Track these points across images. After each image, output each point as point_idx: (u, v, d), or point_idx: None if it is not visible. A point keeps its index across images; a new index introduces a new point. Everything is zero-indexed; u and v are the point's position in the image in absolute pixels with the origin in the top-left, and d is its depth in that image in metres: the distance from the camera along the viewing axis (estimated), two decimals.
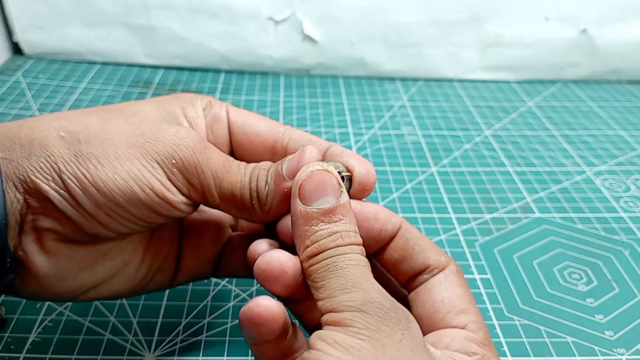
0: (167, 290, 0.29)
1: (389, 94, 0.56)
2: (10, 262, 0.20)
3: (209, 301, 0.29)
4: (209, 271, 0.26)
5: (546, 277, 0.32)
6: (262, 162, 0.22)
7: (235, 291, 0.30)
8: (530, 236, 0.36)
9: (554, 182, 0.42)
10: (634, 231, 0.37)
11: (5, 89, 0.50)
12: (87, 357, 0.26)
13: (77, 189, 0.19)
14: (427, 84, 0.58)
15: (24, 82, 0.52)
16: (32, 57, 0.57)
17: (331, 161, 0.21)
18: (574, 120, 0.52)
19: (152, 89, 0.53)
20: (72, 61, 0.57)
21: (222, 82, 0.55)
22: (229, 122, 0.25)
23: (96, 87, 0.52)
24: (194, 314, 0.28)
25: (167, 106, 0.23)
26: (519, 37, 0.57)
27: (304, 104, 0.52)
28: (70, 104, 0.49)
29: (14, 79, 0.52)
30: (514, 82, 0.59)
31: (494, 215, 0.38)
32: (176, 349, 0.27)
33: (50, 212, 0.20)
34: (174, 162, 0.20)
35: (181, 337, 0.27)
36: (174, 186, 0.21)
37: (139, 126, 0.21)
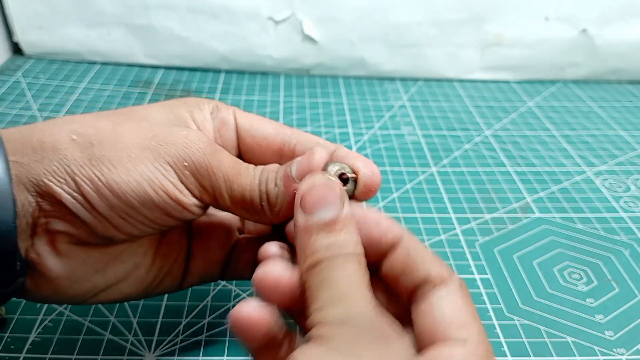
0: None
1: (389, 94, 0.56)
2: (20, 265, 0.20)
3: (209, 301, 0.29)
4: (217, 273, 0.26)
5: (546, 277, 0.32)
6: (270, 164, 0.22)
7: (235, 291, 0.30)
8: (530, 236, 0.36)
9: (554, 182, 0.42)
10: (634, 231, 0.37)
11: (5, 89, 0.50)
12: (87, 357, 0.26)
13: (91, 191, 0.20)
14: (427, 84, 0.58)
15: (24, 82, 0.52)
16: (32, 57, 0.57)
17: (337, 162, 0.22)
18: (574, 120, 0.52)
19: (152, 89, 0.53)
20: (72, 61, 0.57)
21: (222, 82, 0.55)
22: (236, 125, 0.25)
23: (96, 87, 0.52)
24: (194, 314, 0.28)
25: (175, 110, 0.23)
26: (519, 37, 0.57)
27: (304, 104, 0.52)
28: (70, 104, 0.49)
29: (14, 79, 0.52)
30: (514, 82, 0.59)
31: (494, 215, 0.38)
32: (176, 349, 0.27)
33: (63, 215, 0.20)
34: (186, 164, 0.21)
35: (181, 337, 0.27)
36: (186, 188, 0.21)
37: (150, 129, 0.21)
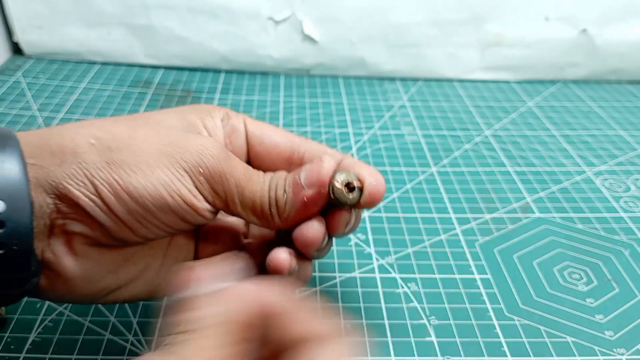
0: None
1: (389, 94, 0.56)
2: (35, 266, 0.20)
3: None
4: None
5: (546, 277, 0.32)
6: (278, 171, 0.23)
7: None
8: (530, 236, 0.36)
9: (554, 182, 0.42)
10: (634, 231, 0.37)
11: (5, 89, 0.50)
12: (87, 357, 0.26)
13: (110, 195, 0.20)
14: (427, 84, 0.58)
15: (24, 82, 0.52)
16: (32, 57, 0.57)
17: (344, 171, 0.22)
18: (574, 120, 0.52)
19: (152, 89, 0.53)
20: (72, 61, 0.57)
21: (222, 82, 0.55)
22: (246, 133, 0.25)
23: (96, 87, 0.52)
24: None
25: (187, 116, 0.24)
26: (519, 37, 0.57)
27: (304, 104, 0.52)
28: (70, 104, 0.49)
29: (14, 79, 0.52)
30: (514, 82, 0.59)
31: (494, 215, 0.38)
32: None
33: (80, 217, 0.20)
34: (200, 170, 0.21)
35: None
36: (200, 194, 0.21)
37: (166, 135, 0.22)
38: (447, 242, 0.35)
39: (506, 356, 0.27)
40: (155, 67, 0.57)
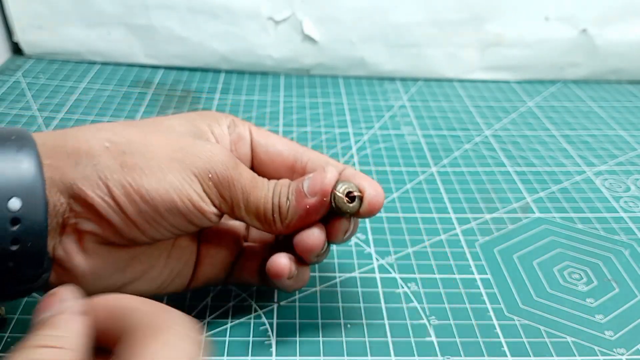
0: None
1: (389, 94, 0.56)
2: (46, 262, 0.21)
3: (209, 301, 0.29)
4: (222, 278, 0.28)
5: (546, 277, 0.32)
6: (282, 179, 0.24)
7: (235, 291, 0.30)
8: (530, 236, 0.36)
9: (554, 182, 0.42)
10: (634, 231, 0.37)
11: (5, 89, 0.50)
12: None
13: (122, 196, 0.21)
14: (427, 84, 0.58)
15: (24, 82, 0.52)
16: (32, 57, 0.57)
17: (346, 182, 0.24)
18: (574, 120, 0.52)
19: (152, 89, 0.53)
20: (72, 61, 0.57)
21: (222, 82, 0.55)
22: (252, 141, 0.26)
23: (96, 87, 0.52)
24: (194, 314, 0.28)
25: (196, 123, 0.25)
26: (519, 37, 0.57)
27: (304, 104, 0.52)
28: (70, 104, 0.49)
29: (14, 79, 0.52)
30: (514, 82, 0.59)
31: (494, 215, 0.38)
32: None
33: (92, 217, 0.21)
34: (209, 175, 0.22)
35: None
36: (208, 198, 0.23)
37: (177, 141, 0.23)
38: (447, 242, 0.35)
39: (506, 356, 0.27)
40: (155, 67, 0.57)
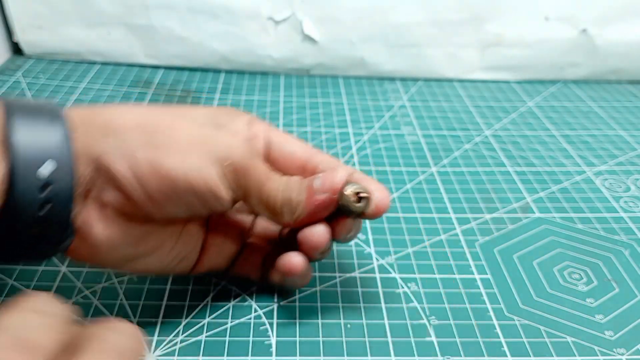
0: (167, 290, 0.30)
1: (389, 94, 0.56)
2: (70, 228, 0.22)
3: (209, 301, 0.29)
4: (224, 267, 0.29)
5: (546, 277, 0.32)
6: (294, 176, 0.25)
7: (235, 291, 0.30)
8: (530, 236, 0.36)
9: (554, 182, 0.42)
10: (634, 231, 0.37)
11: (5, 89, 0.50)
12: None
13: (145, 172, 0.22)
14: (427, 84, 0.58)
15: (24, 82, 0.52)
16: (32, 57, 0.57)
17: (355, 183, 0.25)
18: (574, 120, 0.52)
19: (152, 89, 0.53)
20: (72, 61, 0.57)
21: (222, 82, 0.55)
22: (267, 139, 0.28)
23: (96, 87, 0.52)
24: (194, 314, 0.28)
25: (218, 116, 0.27)
26: (519, 37, 0.57)
27: (304, 104, 0.52)
28: (70, 104, 0.49)
29: (14, 79, 0.52)
30: (514, 82, 0.59)
31: (494, 215, 0.38)
32: (176, 349, 0.27)
33: (114, 189, 0.22)
34: (228, 163, 0.24)
35: (181, 337, 0.27)
36: (225, 184, 0.24)
37: (200, 129, 0.24)
38: (447, 242, 0.35)
39: (506, 356, 0.27)
40: (155, 67, 0.57)
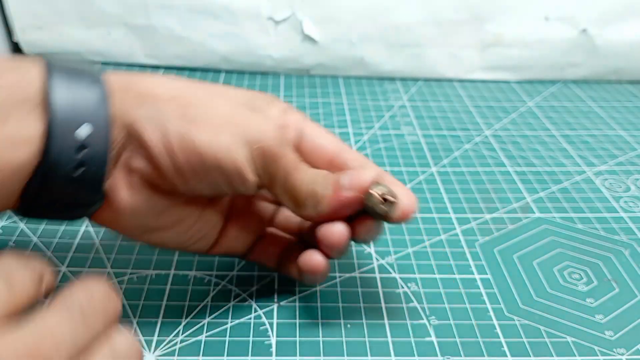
0: (167, 290, 0.30)
1: (389, 94, 0.56)
2: (102, 191, 0.23)
3: (209, 301, 0.29)
4: (241, 253, 0.29)
5: (546, 277, 0.32)
6: (322, 169, 0.25)
7: (235, 291, 0.30)
8: (530, 236, 0.36)
9: (554, 182, 0.42)
10: (634, 231, 0.37)
11: None
12: None
13: (176, 144, 0.22)
14: (427, 84, 0.58)
15: None
16: None
17: (383, 185, 0.24)
18: (574, 120, 0.52)
19: None
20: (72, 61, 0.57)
21: (222, 82, 0.55)
22: (299, 129, 0.27)
23: None
24: (194, 314, 0.28)
25: (254, 100, 0.26)
26: (519, 37, 0.57)
27: (304, 104, 0.52)
28: None
29: None
30: (514, 82, 0.59)
31: (494, 215, 0.38)
32: (176, 349, 0.27)
33: (144, 157, 0.23)
34: (258, 147, 0.23)
35: (181, 337, 0.27)
36: (252, 166, 0.24)
37: (236, 109, 0.24)
38: (447, 242, 0.35)
39: (506, 356, 0.27)
40: (155, 67, 0.57)
